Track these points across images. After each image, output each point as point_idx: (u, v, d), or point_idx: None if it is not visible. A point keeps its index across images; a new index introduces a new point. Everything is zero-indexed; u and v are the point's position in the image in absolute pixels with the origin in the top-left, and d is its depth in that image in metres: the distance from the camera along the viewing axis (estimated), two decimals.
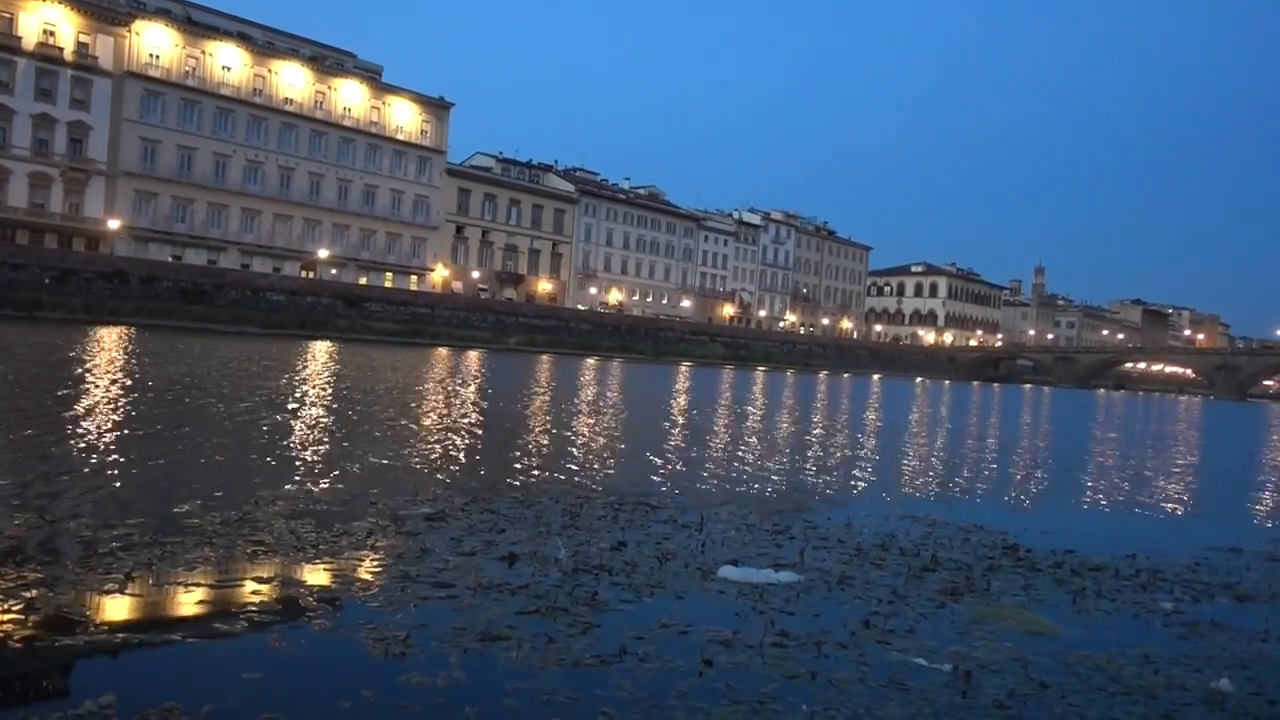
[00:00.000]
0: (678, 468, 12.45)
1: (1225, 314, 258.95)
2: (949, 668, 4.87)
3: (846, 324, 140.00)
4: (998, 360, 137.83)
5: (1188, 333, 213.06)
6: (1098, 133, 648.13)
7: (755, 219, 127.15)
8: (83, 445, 10.09)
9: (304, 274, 77.74)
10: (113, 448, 10.08)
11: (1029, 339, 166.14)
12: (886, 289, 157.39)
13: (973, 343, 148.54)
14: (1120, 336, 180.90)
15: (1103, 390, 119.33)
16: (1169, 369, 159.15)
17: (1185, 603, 6.77)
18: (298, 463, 10.21)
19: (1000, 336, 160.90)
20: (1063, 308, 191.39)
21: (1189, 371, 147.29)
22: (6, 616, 4.62)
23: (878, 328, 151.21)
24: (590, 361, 63.92)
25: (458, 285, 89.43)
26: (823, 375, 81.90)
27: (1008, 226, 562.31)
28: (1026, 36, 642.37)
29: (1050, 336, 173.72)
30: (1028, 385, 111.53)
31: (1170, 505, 13.04)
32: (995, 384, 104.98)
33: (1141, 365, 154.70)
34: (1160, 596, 6.89)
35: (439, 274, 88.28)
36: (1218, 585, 7.46)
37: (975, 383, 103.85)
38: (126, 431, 11.43)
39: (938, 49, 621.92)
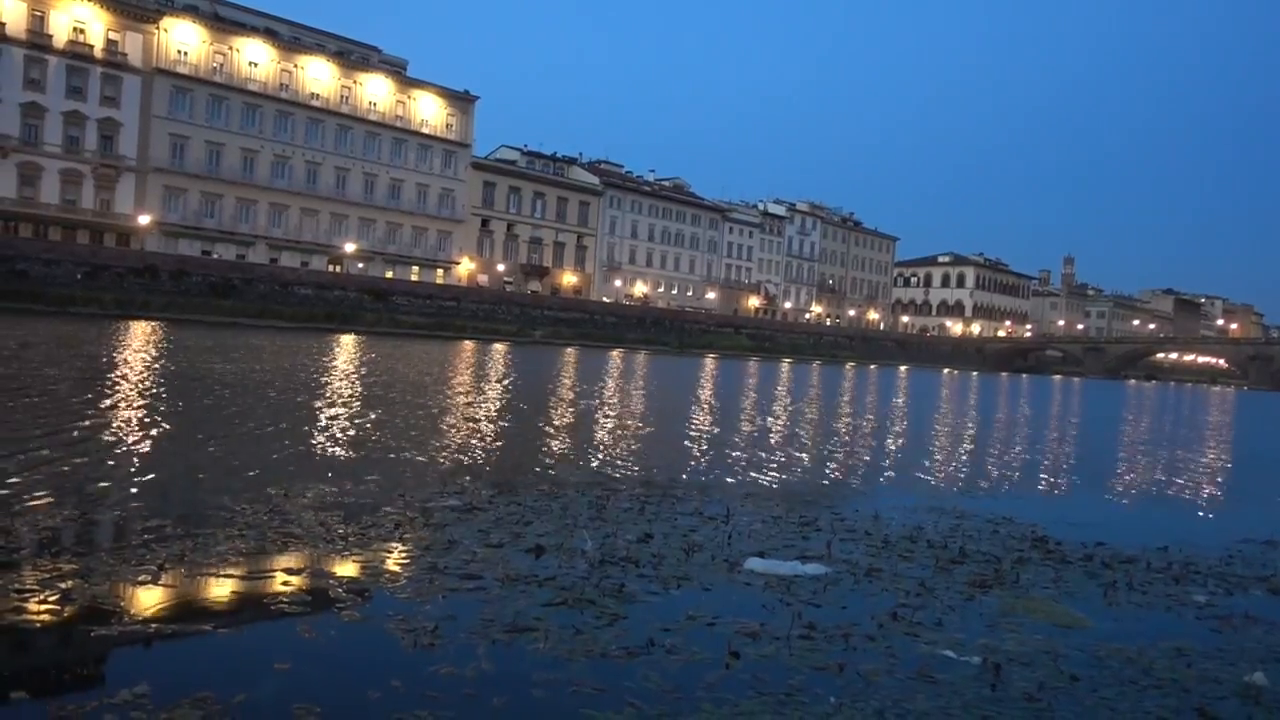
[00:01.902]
0: (704, 460, 12.43)
1: (1259, 303, 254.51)
2: (978, 660, 4.84)
3: (873, 315, 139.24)
4: (1026, 351, 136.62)
5: (1220, 322, 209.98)
6: (1128, 119, 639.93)
7: (780, 210, 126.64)
8: (115, 438, 10.22)
9: (331, 268, 78.42)
10: (145, 441, 10.21)
11: (1058, 329, 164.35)
12: (913, 280, 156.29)
13: (1001, 334, 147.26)
14: (1151, 326, 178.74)
15: (1133, 381, 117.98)
16: (1201, 359, 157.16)
17: (1219, 595, 6.68)
18: (326, 455, 10.30)
19: (1029, 327, 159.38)
20: (1093, 298, 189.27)
21: (1222, 362, 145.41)
22: (42, 607, 4.69)
23: (904, 319, 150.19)
24: (616, 354, 63.99)
25: (483, 278, 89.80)
26: (849, 367, 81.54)
27: (1036, 216, 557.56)
28: (1054, 22, 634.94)
29: (1080, 327, 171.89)
30: (1057, 376, 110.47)
31: (1203, 497, 12.88)
32: (1024, 375, 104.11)
33: (1173, 355, 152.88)
34: (1193, 589, 6.80)
35: (464, 267, 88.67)
36: (1252, 578, 7.36)
37: (1003, 374, 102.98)
38: (158, 424, 11.57)
39: (964, 36, 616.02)
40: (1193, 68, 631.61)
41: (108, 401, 13.44)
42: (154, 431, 10.97)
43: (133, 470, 8.50)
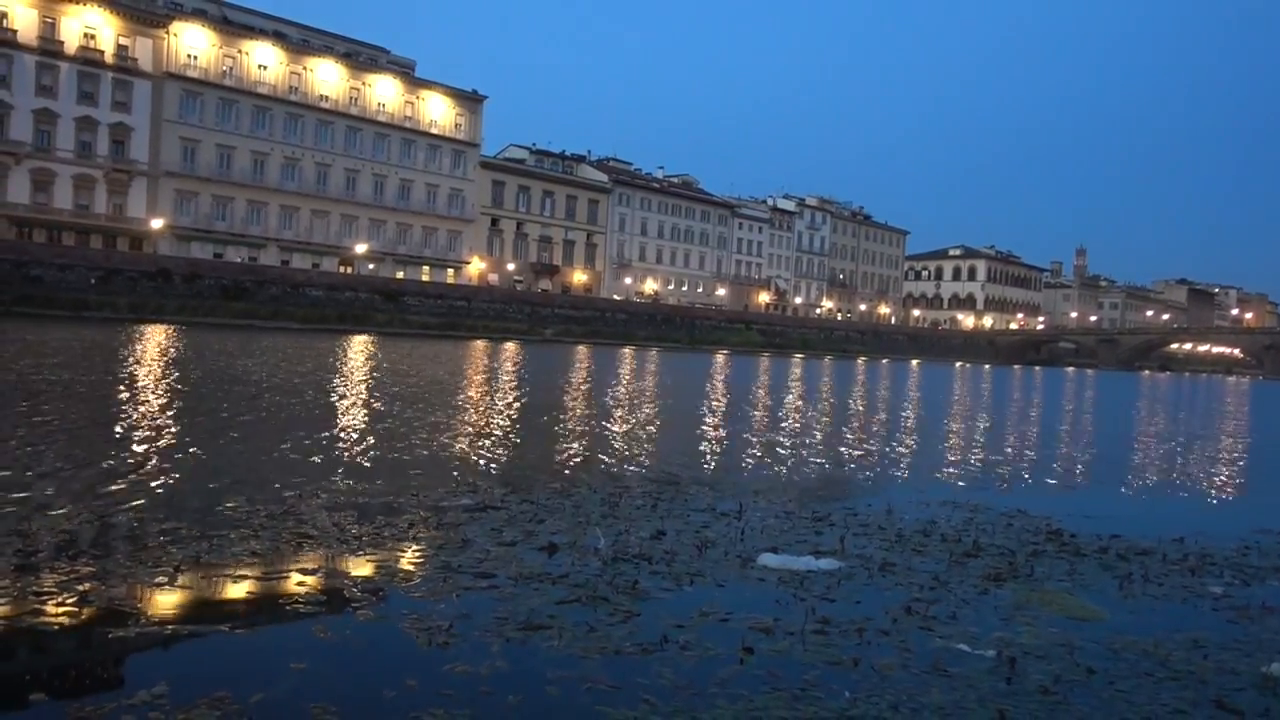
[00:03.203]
0: (716, 456, 12.43)
1: (1274, 293, 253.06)
2: (993, 654, 4.82)
3: (884, 309, 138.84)
4: (1039, 343, 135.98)
5: (1235, 312, 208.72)
6: (1139, 108, 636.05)
7: (790, 205, 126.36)
8: (131, 441, 10.29)
9: (342, 269, 78.66)
10: (160, 443, 10.27)
11: (1071, 321, 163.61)
12: (924, 273, 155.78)
13: (1013, 326, 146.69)
14: (1165, 317, 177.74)
15: (1147, 372, 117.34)
16: (1216, 349, 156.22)
17: (1235, 586, 6.65)
18: (340, 456, 10.33)
19: (1041, 319, 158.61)
20: (1105, 289, 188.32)
21: (1237, 352, 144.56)
22: (61, 609, 4.73)
23: (916, 313, 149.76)
24: (626, 351, 63.98)
25: (493, 277, 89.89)
26: (860, 361, 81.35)
27: (1048, 207, 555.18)
28: (1064, 13, 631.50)
29: (1093, 318, 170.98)
30: (1070, 368, 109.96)
31: (1219, 488, 12.81)
32: (1037, 367, 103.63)
33: (1187, 346, 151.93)
34: (1209, 580, 6.77)
35: (475, 267, 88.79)
36: (1269, 569, 7.32)
37: (1016, 366, 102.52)
38: (173, 427, 11.63)
39: (973, 28, 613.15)
40: (1205, 57, 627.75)
41: (126, 405, 13.52)
42: (170, 434, 11.02)
43: (149, 472, 8.55)
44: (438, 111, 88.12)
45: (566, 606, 5.24)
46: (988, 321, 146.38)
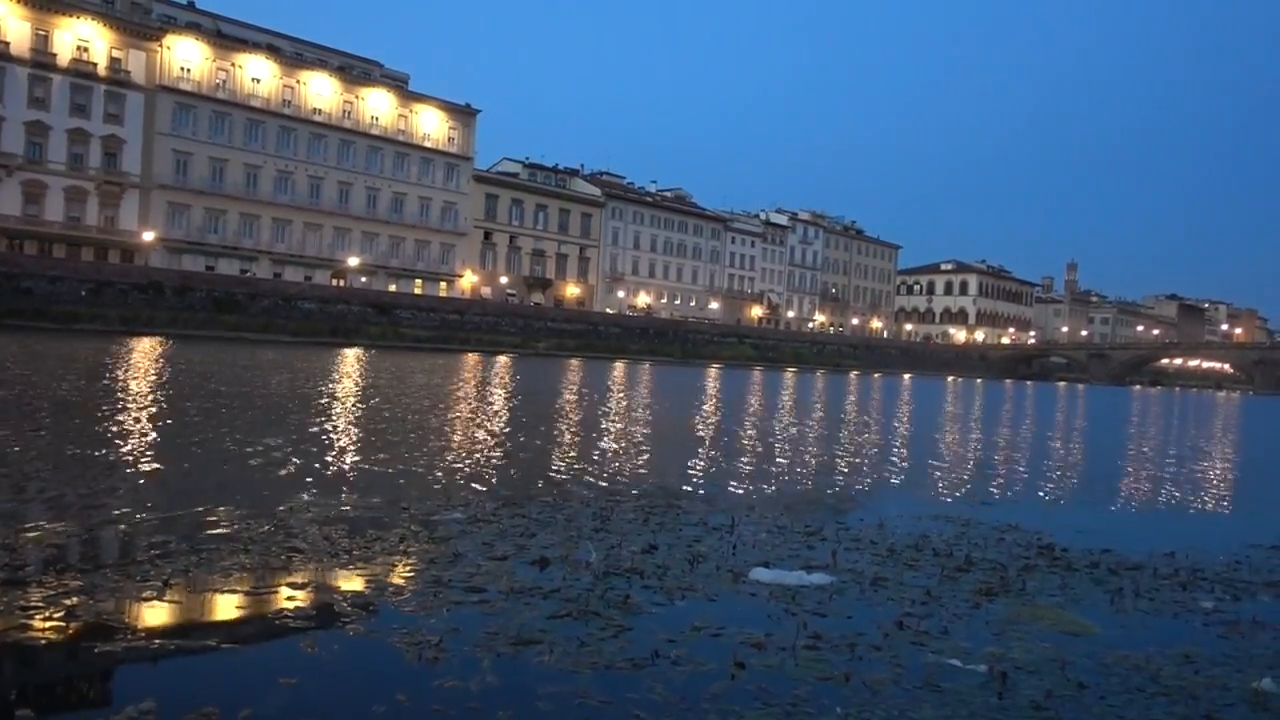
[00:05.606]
0: (708, 470, 12.41)
1: (1263, 308, 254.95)
2: (984, 669, 4.82)
3: (876, 323, 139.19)
4: (1030, 358, 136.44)
5: (1225, 327, 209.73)
6: (1130, 124, 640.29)
7: (782, 219, 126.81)
8: (120, 454, 10.23)
9: (334, 282, 78.61)
10: (150, 457, 10.22)
11: (1062, 336, 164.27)
12: (916, 288, 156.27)
13: (1005, 340, 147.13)
14: (1156, 332, 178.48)
15: (1138, 387, 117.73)
16: (1206, 364, 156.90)
17: (1226, 601, 6.65)
18: (330, 470, 10.30)
19: (1033, 334, 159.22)
20: (1096, 304, 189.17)
21: (1227, 367, 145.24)
22: (48, 624, 4.70)
23: (908, 327, 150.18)
24: (619, 364, 63.98)
25: (486, 291, 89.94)
26: (853, 375, 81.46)
27: (1039, 222, 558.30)
28: (1055, 27, 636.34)
29: (1084, 333, 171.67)
30: (1061, 383, 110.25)
31: (1210, 502, 12.83)
32: (1028, 382, 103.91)
33: (1178, 361, 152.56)
34: (1200, 595, 6.77)
35: (467, 280, 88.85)
36: (1260, 583, 7.33)
37: (1008, 381, 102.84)
38: (163, 441, 11.59)
39: (964, 43, 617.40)
40: (1195, 72, 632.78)
41: (115, 419, 13.46)
42: (160, 447, 10.98)
43: (138, 486, 8.51)
44: (431, 125, 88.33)
45: (557, 621, 5.22)
46: (979, 336, 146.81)
